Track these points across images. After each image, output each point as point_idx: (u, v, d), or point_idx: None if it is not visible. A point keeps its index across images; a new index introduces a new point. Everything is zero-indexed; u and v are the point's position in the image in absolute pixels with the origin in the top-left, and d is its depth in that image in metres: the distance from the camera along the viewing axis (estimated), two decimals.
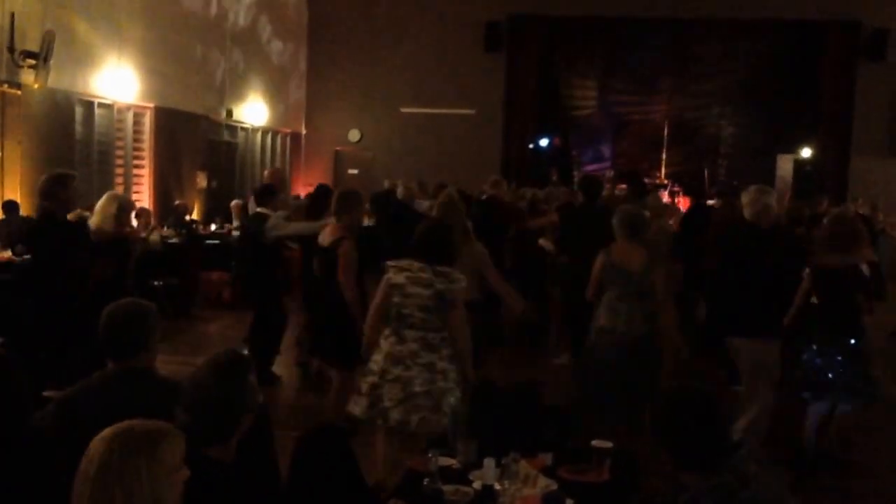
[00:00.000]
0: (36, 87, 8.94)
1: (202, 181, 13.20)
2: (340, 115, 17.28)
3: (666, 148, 21.01)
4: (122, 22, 10.79)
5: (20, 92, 8.86)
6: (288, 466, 3.02)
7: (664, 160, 20.98)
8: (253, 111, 14.99)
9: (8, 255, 7.99)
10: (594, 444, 3.49)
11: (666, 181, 19.58)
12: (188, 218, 11.72)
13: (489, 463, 3.18)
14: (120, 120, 11.01)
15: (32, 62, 8.75)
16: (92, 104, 10.33)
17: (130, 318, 3.00)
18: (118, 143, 10.99)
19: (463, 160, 15.89)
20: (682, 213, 13.12)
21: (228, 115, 14.05)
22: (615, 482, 3.37)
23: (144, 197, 11.53)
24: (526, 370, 7.57)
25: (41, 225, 5.72)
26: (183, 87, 12.46)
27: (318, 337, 6.07)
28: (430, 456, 3.24)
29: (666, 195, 17.76)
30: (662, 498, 2.66)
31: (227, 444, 2.54)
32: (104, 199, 6.28)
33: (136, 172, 11.46)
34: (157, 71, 11.57)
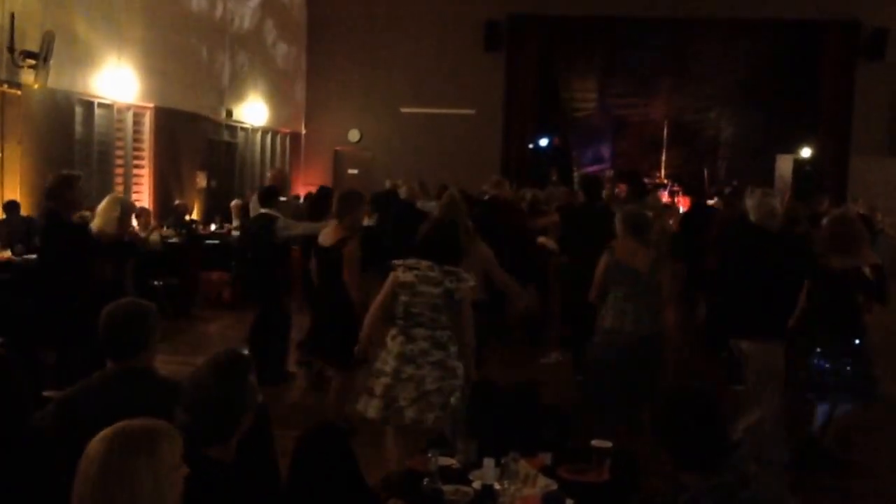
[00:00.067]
0: (36, 87, 8.93)
1: (202, 181, 13.20)
2: (340, 114, 17.27)
3: (665, 148, 21.02)
4: (121, 22, 10.78)
5: (20, 92, 8.86)
6: (288, 466, 3.03)
7: (664, 160, 20.99)
8: (253, 111, 14.99)
9: (8, 254, 8.00)
10: (594, 443, 3.49)
11: (666, 181, 19.58)
12: (188, 218, 11.72)
13: (489, 463, 3.18)
14: (120, 120, 11.01)
15: (32, 62, 8.75)
16: (92, 104, 10.32)
17: (130, 318, 3.00)
18: (118, 143, 10.98)
19: (463, 160, 15.88)
20: (680, 213, 13.14)
21: (228, 115, 14.04)
22: (615, 482, 3.37)
23: (144, 197, 11.52)
24: (526, 370, 7.57)
25: (48, 225, 5.74)
26: (183, 87, 12.46)
27: (318, 337, 6.08)
28: (429, 456, 3.24)
29: (666, 195, 17.77)
30: (662, 498, 2.66)
31: (227, 444, 2.54)
32: (106, 201, 6.29)
33: (135, 172, 11.45)
34: (157, 71, 11.56)
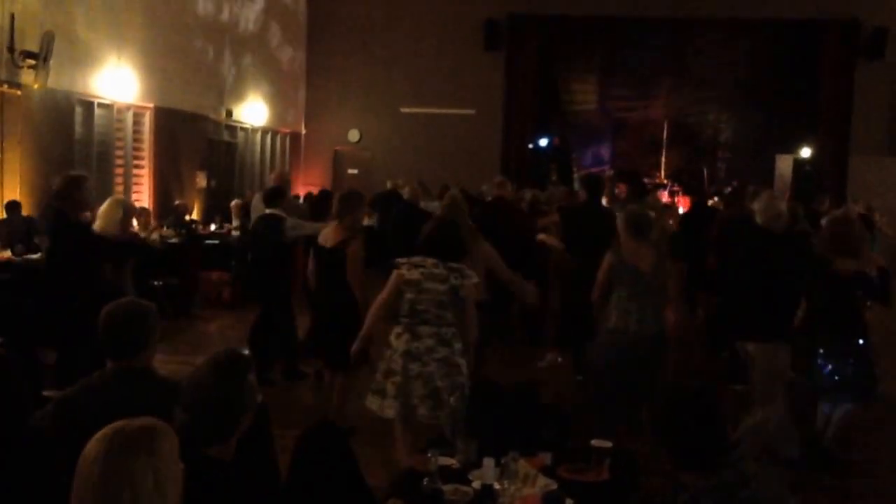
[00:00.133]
0: (36, 87, 8.93)
1: (202, 181, 13.20)
2: (340, 114, 17.27)
3: (665, 148, 21.03)
4: (121, 22, 10.78)
5: (20, 92, 8.86)
6: (288, 466, 3.03)
7: (664, 160, 21.00)
8: (253, 111, 14.99)
9: (8, 254, 8.00)
10: (594, 443, 3.49)
11: (665, 181, 19.60)
12: (188, 218, 11.72)
13: (489, 462, 3.18)
14: (119, 120, 11.01)
15: (32, 62, 8.75)
16: (92, 104, 10.32)
17: (130, 317, 3.00)
18: (118, 143, 10.98)
19: (462, 160, 15.88)
20: (680, 212, 13.14)
21: (228, 114, 14.04)
22: (615, 482, 3.37)
23: (144, 197, 11.52)
24: (526, 370, 7.58)
25: (57, 226, 5.74)
26: (183, 87, 12.46)
27: (319, 337, 6.05)
28: (429, 455, 3.24)
29: (666, 195, 17.78)
30: (662, 497, 2.66)
31: (226, 443, 2.53)
32: (108, 203, 6.30)
33: (135, 172, 11.45)
34: (156, 71, 11.57)
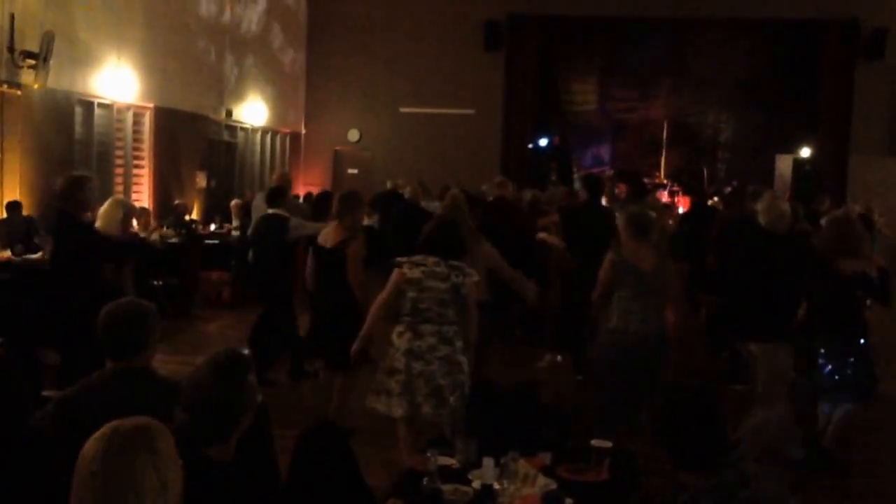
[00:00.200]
0: (36, 87, 8.93)
1: (202, 181, 13.20)
2: (340, 114, 17.26)
3: (665, 148, 21.04)
4: (121, 22, 10.78)
5: (20, 92, 8.86)
6: (288, 466, 3.03)
7: (663, 160, 21.01)
8: (252, 111, 14.99)
9: (8, 254, 8.01)
10: (593, 443, 3.49)
11: (665, 181, 19.61)
12: (188, 218, 11.72)
13: (488, 462, 3.18)
14: (119, 120, 11.01)
15: (32, 62, 8.74)
16: (91, 104, 10.32)
17: (130, 317, 3.00)
18: (118, 143, 10.98)
19: (462, 160, 15.87)
20: (679, 212, 13.16)
21: (228, 114, 14.04)
22: (614, 482, 3.37)
23: (144, 197, 11.52)
24: (526, 370, 7.58)
25: (62, 226, 5.74)
26: (183, 87, 12.46)
27: (319, 337, 6.04)
28: (429, 455, 3.24)
29: (665, 195, 17.79)
30: (662, 497, 2.66)
31: (226, 443, 2.53)
32: (109, 204, 6.31)
33: (135, 172, 11.45)
34: (156, 71, 11.56)
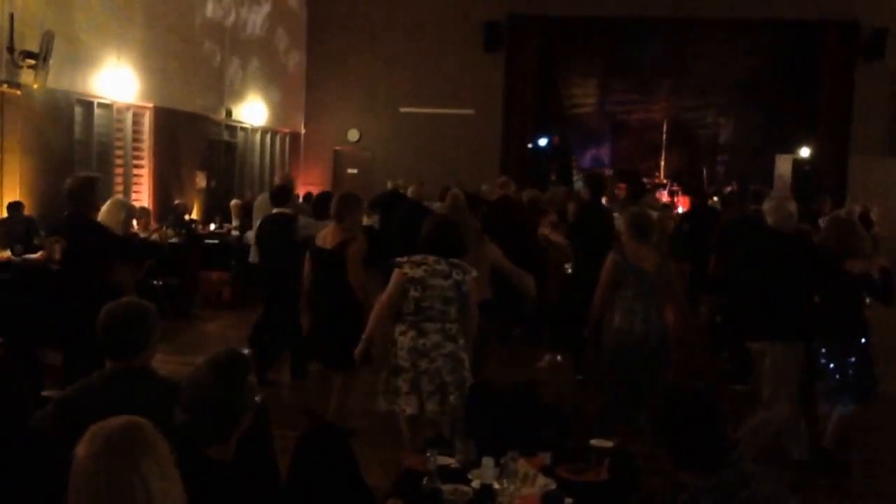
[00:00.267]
0: (35, 87, 8.93)
1: (201, 181, 13.20)
2: (340, 114, 17.26)
3: (665, 147, 21.04)
4: (121, 22, 10.78)
5: (20, 92, 8.86)
6: (288, 466, 3.03)
7: (663, 160, 21.01)
8: (252, 111, 14.99)
9: (8, 254, 8.01)
10: (593, 443, 3.49)
11: (665, 181, 19.62)
12: (188, 218, 11.72)
13: (488, 462, 3.18)
14: (119, 120, 11.01)
15: (32, 62, 8.75)
16: (91, 104, 10.32)
17: (130, 317, 3.00)
18: (118, 142, 10.98)
19: (462, 160, 15.88)
20: (678, 212, 13.16)
21: (228, 114, 14.04)
22: (614, 481, 3.37)
23: (144, 197, 11.53)
24: (526, 370, 7.58)
25: (76, 226, 5.72)
26: (182, 87, 12.46)
27: (318, 338, 5.99)
28: (428, 455, 3.24)
29: (665, 195, 17.80)
30: (662, 498, 2.66)
31: (226, 443, 2.53)
32: (110, 204, 6.32)
33: (135, 172, 11.45)
34: (156, 71, 11.57)
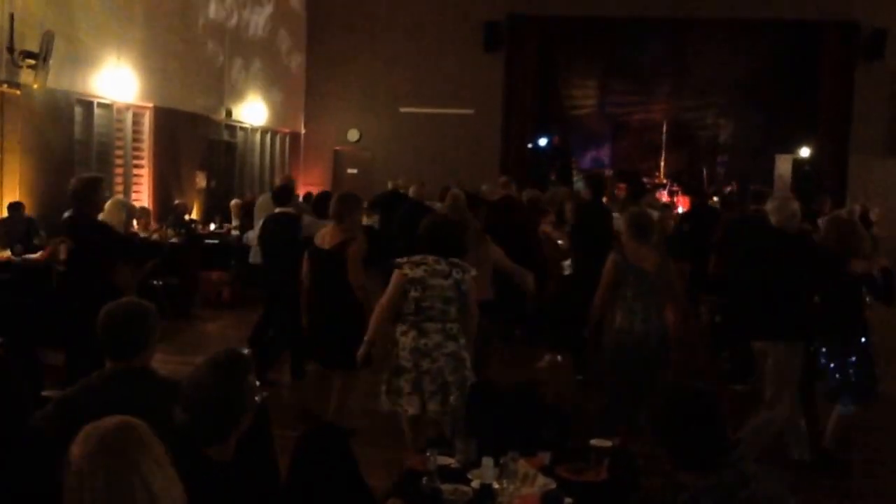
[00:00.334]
0: (35, 87, 8.93)
1: (201, 181, 13.20)
2: (339, 114, 17.26)
3: (665, 148, 21.02)
4: (121, 22, 10.78)
5: (19, 92, 8.86)
6: (288, 466, 3.03)
7: (663, 160, 21.00)
8: (252, 111, 14.99)
9: (7, 254, 8.01)
10: (593, 443, 3.49)
11: (665, 181, 19.61)
12: (187, 218, 11.72)
13: (488, 462, 3.18)
14: (119, 120, 11.01)
15: (32, 62, 8.75)
16: (91, 104, 10.32)
17: (130, 317, 2.99)
18: (117, 142, 10.98)
19: (462, 160, 15.87)
20: (677, 212, 13.16)
21: (228, 114, 14.03)
22: (614, 481, 3.37)
23: (144, 197, 11.53)
24: (526, 370, 7.58)
25: (82, 226, 5.72)
26: (182, 87, 12.46)
27: (317, 339, 5.99)
28: (428, 455, 3.24)
29: (665, 195, 17.79)
30: (662, 497, 2.66)
31: (226, 443, 2.53)
32: (111, 205, 6.33)
33: (135, 172, 11.45)
34: (156, 71, 11.57)
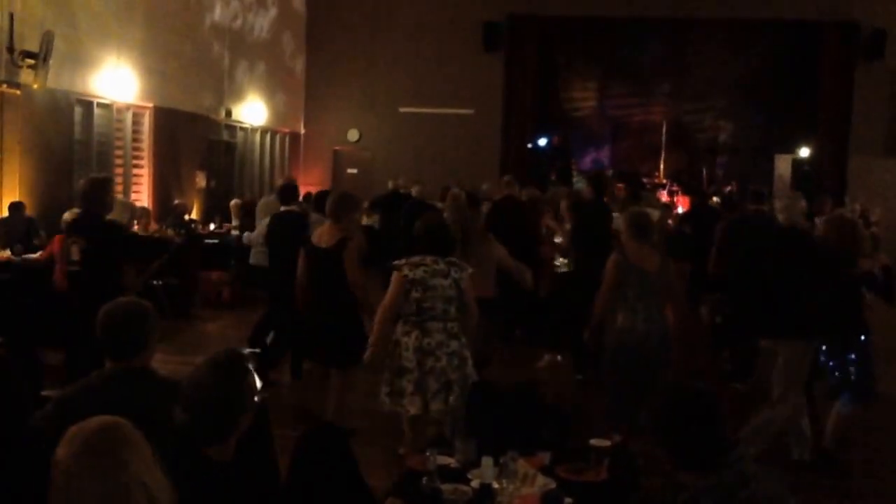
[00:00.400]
0: (35, 87, 8.93)
1: (201, 181, 13.20)
2: (339, 114, 17.26)
3: (665, 148, 21.02)
4: (121, 22, 10.78)
5: (19, 92, 8.86)
6: (288, 466, 3.03)
7: (663, 160, 21.00)
8: (252, 111, 14.98)
9: (7, 254, 8.01)
10: (592, 443, 3.50)
11: (665, 181, 19.61)
12: (187, 218, 11.72)
13: (487, 462, 3.18)
14: (119, 120, 11.01)
15: (32, 62, 8.75)
16: (91, 104, 10.32)
17: (130, 317, 2.99)
18: (117, 142, 10.98)
19: (462, 160, 15.87)
20: (678, 212, 13.16)
21: (227, 114, 14.03)
22: (613, 481, 3.38)
23: (144, 197, 11.53)
24: (526, 370, 7.58)
25: (93, 227, 5.72)
26: (182, 87, 12.45)
27: (314, 338, 5.97)
28: (428, 455, 3.24)
29: (665, 195, 17.79)
30: (662, 497, 2.66)
31: (226, 443, 2.53)
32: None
33: (135, 172, 11.45)
34: (155, 71, 11.56)
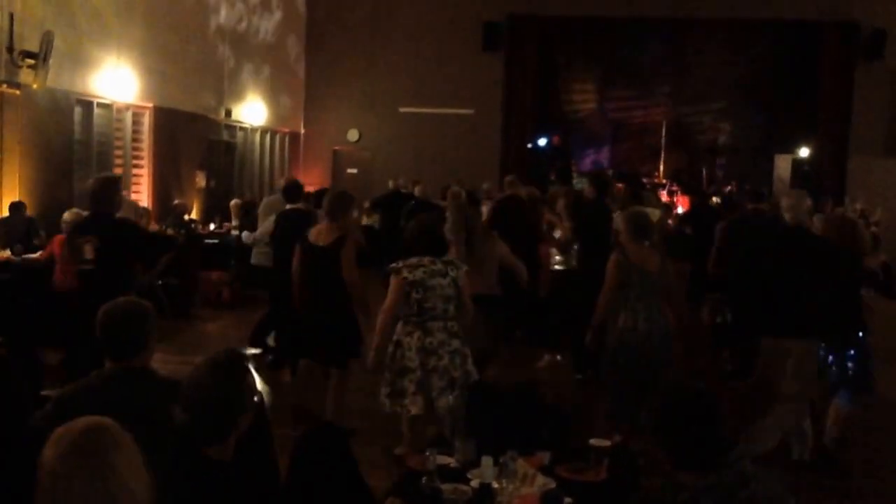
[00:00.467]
0: (35, 87, 8.93)
1: (201, 181, 13.20)
2: (339, 114, 17.26)
3: (664, 148, 21.02)
4: (121, 22, 10.78)
5: (19, 92, 8.86)
6: (288, 466, 3.03)
7: (663, 160, 21.00)
8: (252, 111, 14.98)
9: (7, 254, 8.01)
10: (592, 442, 3.50)
11: (664, 181, 19.61)
12: (187, 217, 11.72)
13: (487, 461, 3.18)
14: (119, 120, 11.01)
15: (31, 62, 8.75)
16: (91, 104, 10.32)
17: (129, 317, 2.99)
18: (117, 142, 10.98)
19: (462, 160, 15.87)
20: (678, 212, 13.18)
21: (227, 114, 14.03)
22: (613, 481, 3.38)
23: (143, 197, 11.53)
24: (526, 370, 7.58)
25: (101, 226, 5.72)
26: (182, 86, 12.46)
27: (311, 337, 5.95)
28: (428, 455, 3.24)
29: (664, 195, 17.80)
30: (662, 497, 2.66)
31: (225, 443, 2.53)
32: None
33: (135, 172, 11.45)
34: (155, 71, 11.56)
